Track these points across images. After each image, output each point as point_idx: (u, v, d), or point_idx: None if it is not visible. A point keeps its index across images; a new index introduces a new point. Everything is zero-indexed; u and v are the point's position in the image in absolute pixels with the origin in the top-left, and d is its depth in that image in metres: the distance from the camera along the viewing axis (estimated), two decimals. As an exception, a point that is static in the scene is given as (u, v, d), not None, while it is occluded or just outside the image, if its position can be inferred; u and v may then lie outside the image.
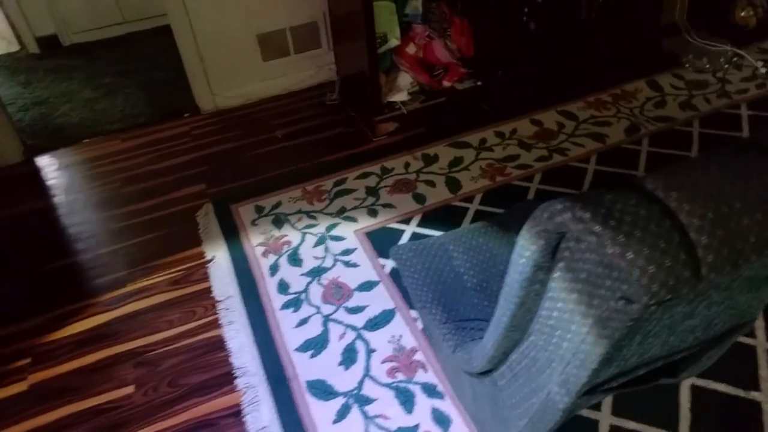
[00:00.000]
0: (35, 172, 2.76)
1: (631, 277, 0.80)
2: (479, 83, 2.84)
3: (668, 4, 2.98)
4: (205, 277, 2.10)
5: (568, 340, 1.01)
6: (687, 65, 2.94)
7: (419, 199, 2.35)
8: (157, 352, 1.85)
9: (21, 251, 2.30)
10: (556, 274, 0.97)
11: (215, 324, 1.93)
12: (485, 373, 1.40)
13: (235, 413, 1.66)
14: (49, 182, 2.69)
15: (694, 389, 1.59)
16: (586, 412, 1.58)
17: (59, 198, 2.58)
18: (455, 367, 1.58)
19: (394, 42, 2.62)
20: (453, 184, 2.41)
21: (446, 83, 2.81)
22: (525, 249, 0.97)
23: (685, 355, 1.16)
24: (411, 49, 2.71)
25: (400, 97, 2.72)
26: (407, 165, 2.54)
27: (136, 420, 1.66)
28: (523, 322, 1.11)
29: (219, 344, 1.86)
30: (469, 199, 2.33)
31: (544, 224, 0.92)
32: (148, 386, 1.75)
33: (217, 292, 2.04)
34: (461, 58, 2.78)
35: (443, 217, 2.25)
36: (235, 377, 1.76)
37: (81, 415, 1.69)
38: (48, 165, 2.80)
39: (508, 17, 2.65)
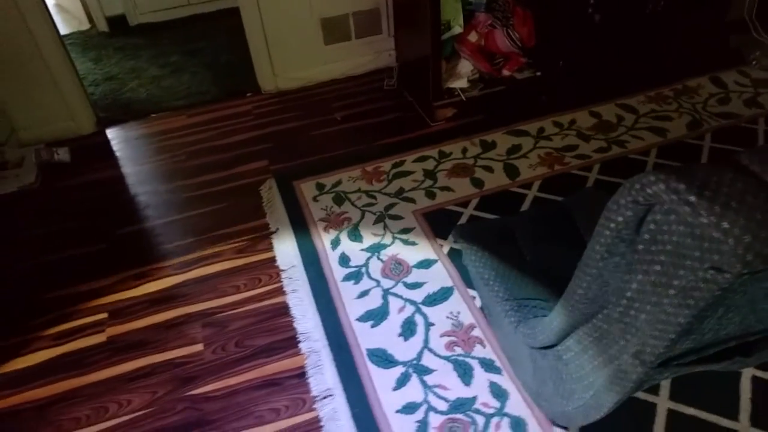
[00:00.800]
0: (107, 143, 2.90)
1: (724, 247, 0.83)
2: (538, 73, 2.85)
3: (737, 1, 2.94)
4: (269, 248, 2.19)
5: (646, 312, 1.04)
6: (754, 62, 2.89)
7: (477, 183, 2.39)
8: (224, 314, 1.95)
9: (98, 216, 2.43)
10: (640, 247, 1.00)
11: (279, 291, 2.02)
12: (549, 347, 1.44)
13: (299, 375, 1.74)
14: (120, 153, 2.83)
15: (756, 380, 1.60)
16: (643, 395, 1.60)
17: (129, 168, 2.71)
18: (515, 343, 1.62)
19: (457, 29, 2.66)
20: (511, 171, 2.44)
21: (506, 72, 2.83)
22: (610, 221, 1.01)
23: (759, 338, 1.17)
24: (473, 37, 2.74)
25: (460, 84, 2.76)
26: (465, 150, 2.59)
27: (207, 374, 1.76)
28: (597, 294, 1.15)
29: (283, 310, 1.95)
30: (527, 185, 2.36)
31: (634, 195, 0.95)
32: (217, 345, 1.85)
33: (281, 262, 2.12)
34: (522, 47, 2.79)
35: (501, 202, 2.29)
36: (299, 342, 1.84)
37: (157, 366, 1.80)
38: (118, 136, 2.94)
39: (573, 8, 2.66)
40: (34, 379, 1.79)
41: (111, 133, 2.96)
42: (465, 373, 1.70)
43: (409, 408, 1.63)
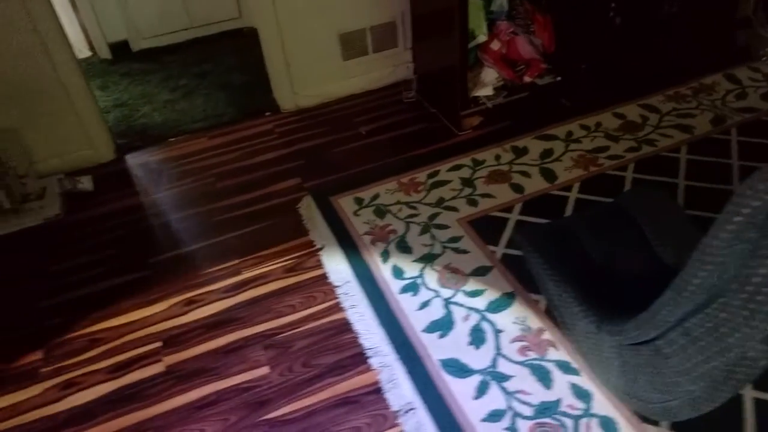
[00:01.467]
0: (128, 170, 2.83)
1: None
2: (558, 78, 2.89)
3: (742, -1, 3.04)
4: (318, 265, 2.15)
5: (777, 296, 1.04)
6: (764, 58, 2.98)
7: (517, 188, 2.40)
8: (285, 334, 1.90)
9: (131, 244, 2.36)
10: (772, 231, 1.01)
11: (337, 308, 1.98)
12: (643, 342, 1.44)
13: (375, 391, 1.70)
14: (143, 179, 2.76)
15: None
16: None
17: (155, 194, 2.65)
18: (594, 342, 1.61)
19: (481, 38, 2.69)
20: (548, 175, 2.45)
21: (527, 78, 2.86)
22: (743, 206, 1.01)
23: None
24: (495, 45, 2.76)
25: (485, 92, 2.78)
26: (498, 157, 2.59)
27: (279, 397, 1.71)
28: (714, 283, 1.15)
29: (345, 327, 1.91)
30: (566, 188, 2.37)
31: (773, 180, 0.96)
32: (283, 366, 1.80)
33: (334, 278, 2.09)
34: (542, 53, 2.83)
35: (544, 205, 2.30)
36: (368, 357, 1.80)
37: (223, 393, 1.73)
38: (139, 163, 2.87)
39: (594, 13, 2.71)
40: (99, 414, 1.71)
41: (131, 159, 2.90)
42: (544, 377, 1.69)
43: (494, 416, 1.60)
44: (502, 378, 1.70)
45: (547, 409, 1.61)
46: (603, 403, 1.60)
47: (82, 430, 1.68)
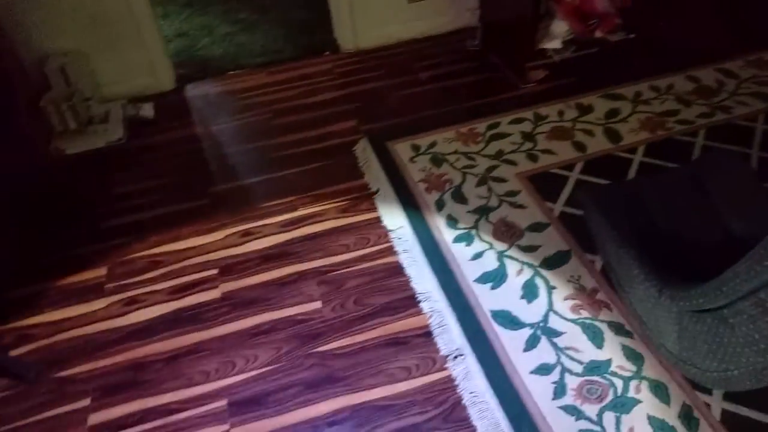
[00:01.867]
0: (187, 100, 2.86)
1: None
2: (632, 35, 2.76)
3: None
4: (373, 208, 2.16)
5: None
6: None
7: (579, 147, 2.33)
8: (338, 272, 1.93)
9: (190, 173, 2.41)
10: None
11: (389, 251, 1.99)
12: (708, 310, 1.41)
13: (425, 334, 1.73)
14: (202, 110, 2.78)
15: None
16: None
17: (214, 125, 2.67)
18: (652, 306, 1.59)
19: (556, -14, 2.57)
20: (612, 135, 2.37)
21: (599, 34, 2.73)
22: None
23: None
24: (569, -4, 2.64)
25: (553, 44, 2.67)
26: (561, 113, 2.52)
27: (331, 332, 1.75)
28: (800, 255, 1.11)
29: (396, 270, 1.93)
30: (631, 150, 2.29)
31: None
32: (335, 303, 1.84)
33: (388, 222, 2.09)
34: (618, 8, 2.69)
35: (607, 166, 2.23)
36: (419, 301, 1.82)
37: (277, 323, 1.79)
38: (198, 94, 2.89)
39: (679, -35, 2.55)
40: (158, 332, 1.79)
41: (190, 89, 2.91)
42: (595, 337, 1.68)
43: (543, 369, 1.61)
44: (552, 333, 1.70)
45: (596, 367, 1.61)
46: (655, 367, 1.59)
47: (142, 345, 1.76)
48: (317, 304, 1.84)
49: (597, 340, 1.67)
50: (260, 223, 2.14)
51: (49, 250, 2.10)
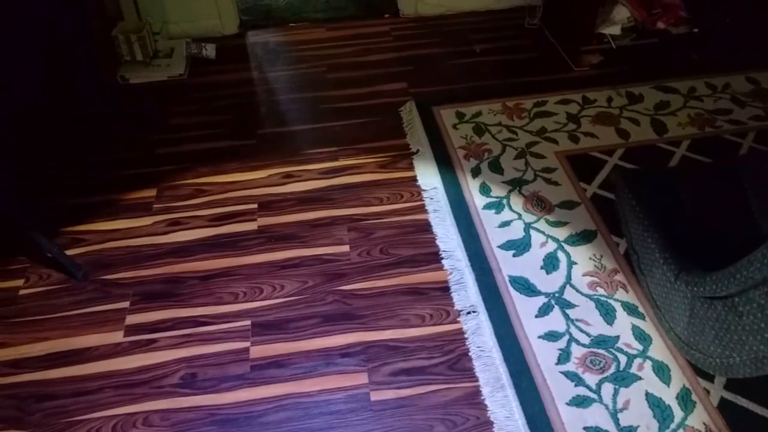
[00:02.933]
0: (248, 46, 2.97)
1: None
2: (695, 30, 2.71)
3: None
4: (410, 167, 2.23)
5: None
6: None
7: (623, 134, 2.34)
8: (369, 221, 2.02)
9: (242, 113, 2.53)
10: None
11: (421, 209, 2.07)
12: (720, 297, 1.44)
13: (443, 288, 1.81)
14: (261, 56, 2.89)
15: None
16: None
17: (271, 72, 2.78)
18: (668, 291, 1.62)
19: (623, -29, 2.54)
20: (659, 126, 2.37)
21: (661, 25, 2.70)
22: None
23: None
24: (635, -18, 2.61)
25: (612, 30, 2.65)
26: (610, 99, 2.52)
27: (354, 274, 1.85)
28: (814, 247, 1.14)
29: (425, 227, 2.00)
30: (675, 143, 2.29)
31: None
32: (362, 249, 1.93)
33: (423, 182, 2.17)
34: (684, 0, 2.65)
35: (647, 155, 2.24)
36: (442, 258, 1.90)
37: (306, 259, 1.90)
38: (260, 41, 3.00)
39: (755, -38, 2.49)
40: (196, 253, 1.93)
41: (252, 36, 3.03)
42: (607, 313, 1.73)
43: (551, 336, 1.67)
44: (566, 305, 1.75)
45: (604, 341, 1.66)
46: (661, 349, 1.63)
47: (181, 262, 1.90)
48: (345, 248, 1.94)
49: (609, 317, 1.72)
50: (302, 167, 2.24)
51: (107, 167, 2.27)
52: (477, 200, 2.09)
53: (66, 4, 2.32)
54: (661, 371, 1.59)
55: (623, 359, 1.62)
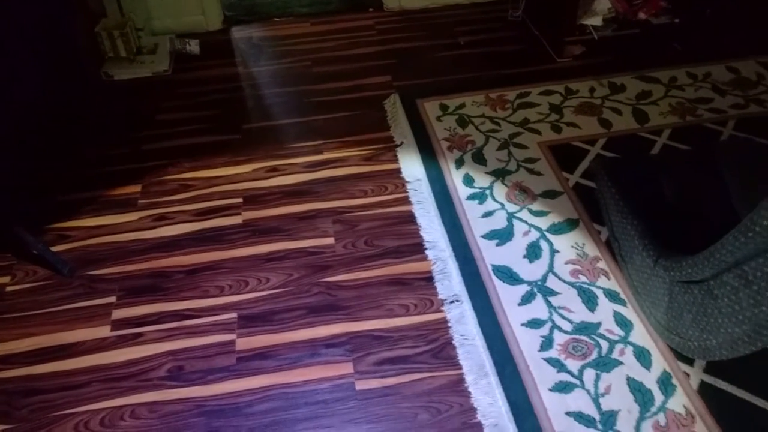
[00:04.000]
0: (232, 41, 2.98)
1: None
2: (676, 20, 2.74)
3: None
4: (394, 159, 2.25)
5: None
6: None
7: (604, 124, 2.36)
8: (353, 214, 2.04)
9: (226, 108, 2.53)
10: None
11: (405, 201, 2.08)
12: (696, 282, 1.47)
13: (427, 278, 1.83)
14: (245, 51, 2.90)
15: None
16: None
17: (255, 67, 2.78)
18: (647, 277, 1.65)
19: (604, -38, 2.56)
20: (640, 116, 2.39)
21: (642, 15, 2.72)
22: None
23: None
24: (616, -27, 2.63)
25: (594, 21, 2.68)
26: (592, 90, 2.54)
27: (339, 266, 1.87)
28: (784, 229, 1.16)
29: (409, 218, 2.02)
30: (656, 132, 2.32)
31: None
32: (347, 241, 1.95)
33: (406, 174, 2.18)
34: (666, -10, 2.68)
35: (629, 144, 2.26)
36: (425, 249, 1.92)
37: (291, 252, 1.91)
38: (244, 36, 3.00)
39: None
40: (182, 247, 1.93)
41: (236, 31, 3.03)
42: (589, 300, 1.75)
43: (534, 323, 1.70)
44: (549, 292, 1.78)
45: (585, 328, 1.68)
46: (642, 335, 1.66)
47: (166, 257, 1.91)
48: (330, 240, 1.95)
49: (590, 303, 1.75)
50: (287, 161, 2.25)
51: (93, 164, 2.27)
52: (460, 191, 2.11)
53: (50, 2, 2.32)
54: (642, 356, 1.61)
55: (605, 345, 1.64)
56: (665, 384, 1.56)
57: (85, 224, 2.03)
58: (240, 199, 2.11)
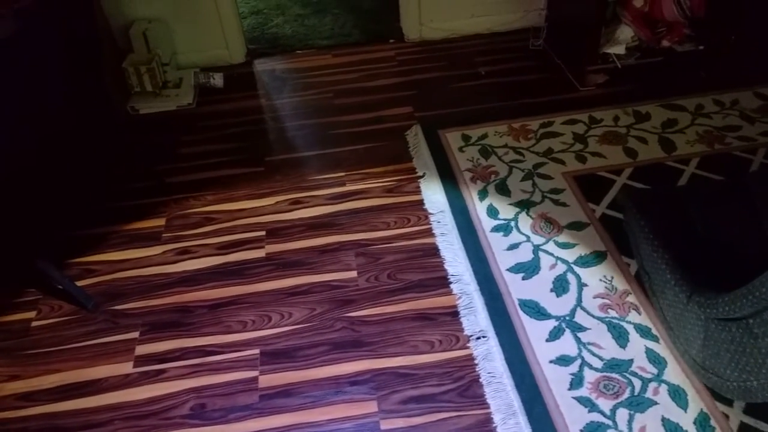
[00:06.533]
0: (255, 74, 3.01)
1: None
2: (701, 47, 2.71)
3: None
4: (417, 191, 2.23)
5: None
6: None
7: (630, 153, 2.33)
8: (376, 247, 2.02)
9: (250, 141, 2.55)
10: None
11: (428, 233, 2.06)
12: (734, 319, 1.41)
13: (452, 314, 1.79)
14: (268, 84, 2.93)
15: None
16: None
17: (278, 99, 2.81)
18: (680, 312, 1.60)
19: (625, -9, 2.56)
20: (667, 144, 2.35)
21: (665, 43, 2.70)
22: None
23: None
24: (638, 2, 2.61)
25: (617, 50, 2.66)
26: (617, 118, 2.51)
27: (363, 300, 1.84)
28: (828, 267, 1.11)
29: (433, 251, 2.00)
30: (684, 161, 2.27)
31: None
32: (370, 274, 1.93)
33: (429, 206, 2.16)
34: (689, 17, 2.65)
35: (656, 174, 2.22)
36: (450, 282, 1.89)
37: (314, 286, 1.90)
38: (266, 69, 3.04)
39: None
40: (205, 281, 1.93)
41: (259, 64, 3.07)
42: (620, 336, 1.70)
43: (563, 360, 1.65)
44: (577, 328, 1.73)
45: (617, 365, 1.63)
46: (677, 373, 1.60)
47: (189, 291, 1.91)
48: (353, 274, 1.94)
49: (621, 339, 1.69)
50: (309, 193, 2.25)
51: (117, 198, 2.29)
52: (485, 223, 2.08)
53: (81, 39, 2.38)
54: (678, 395, 1.55)
55: (638, 383, 1.58)
56: (703, 425, 1.49)
57: (110, 258, 2.04)
58: (263, 232, 2.10)
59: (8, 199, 1.99)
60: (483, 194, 2.20)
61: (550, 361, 1.65)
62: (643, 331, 1.71)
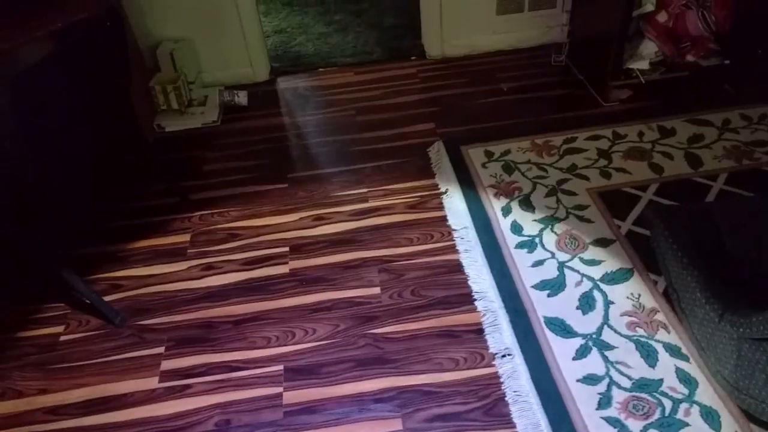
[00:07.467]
0: (279, 91, 3.06)
1: None
2: (726, 62, 2.68)
3: None
4: (440, 207, 2.23)
5: None
6: None
7: (656, 168, 2.30)
8: (399, 263, 2.02)
9: (276, 158, 2.58)
10: None
11: (452, 249, 2.05)
12: (768, 339, 1.38)
13: (477, 331, 1.78)
14: (292, 101, 2.97)
15: None
16: None
17: (301, 117, 2.84)
18: (711, 331, 1.56)
19: (649, 7, 2.54)
20: (693, 160, 2.32)
21: (690, 58, 2.68)
22: None
23: None
24: (662, 17, 2.60)
25: (641, 65, 2.64)
26: (641, 134, 2.49)
27: (386, 317, 1.84)
28: None
29: (456, 268, 1.99)
30: (712, 177, 2.24)
31: None
32: (393, 291, 1.92)
33: (453, 222, 2.16)
34: (713, 32, 2.63)
35: (683, 190, 2.19)
36: (474, 299, 1.87)
37: (338, 302, 1.90)
38: (290, 87, 3.08)
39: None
40: (230, 297, 1.94)
41: (282, 82, 3.11)
42: (649, 355, 1.67)
43: (590, 379, 1.62)
44: (605, 346, 1.70)
45: (646, 385, 1.59)
46: (708, 394, 1.56)
47: (214, 307, 1.92)
48: (376, 290, 1.93)
49: (650, 359, 1.66)
50: (332, 210, 2.26)
51: (143, 214, 2.33)
52: (508, 239, 2.07)
53: (112, 59, 2.44)
54: (710, 417, 1.51)
55: (668, 404, 1.55)
56: (737, 448, 1.45)
57: (136, 273, 2.07)
58: (287, 248, 2.12)
59: (36, 212, 2.04)
60: (506, 210, 2.19)
61: (577, 380, 1.62)
62: (673, 350, 1.67)
